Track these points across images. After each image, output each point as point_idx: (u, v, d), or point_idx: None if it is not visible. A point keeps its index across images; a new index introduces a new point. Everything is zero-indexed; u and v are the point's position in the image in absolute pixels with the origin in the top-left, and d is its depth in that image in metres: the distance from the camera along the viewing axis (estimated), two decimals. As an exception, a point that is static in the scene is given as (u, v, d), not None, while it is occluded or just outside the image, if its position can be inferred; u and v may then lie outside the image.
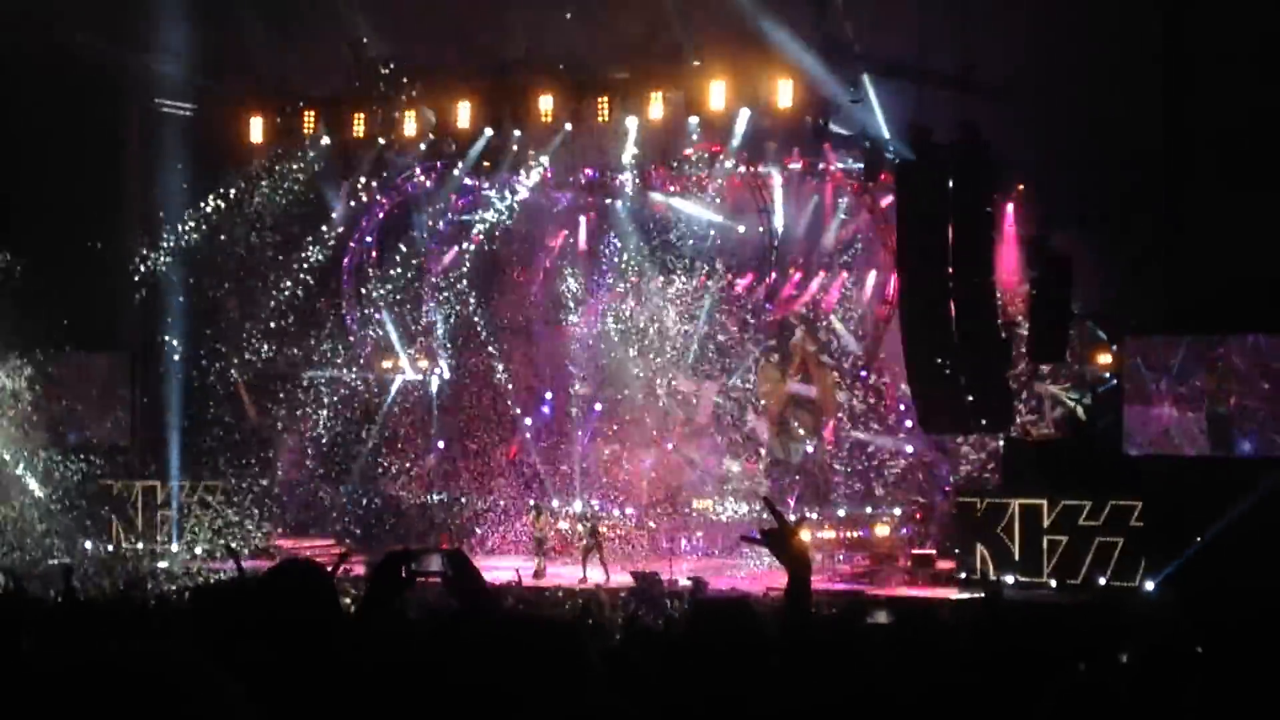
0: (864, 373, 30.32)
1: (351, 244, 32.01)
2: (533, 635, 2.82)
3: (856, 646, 5.92)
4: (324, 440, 32.16)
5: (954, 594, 23.13)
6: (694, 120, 27.11)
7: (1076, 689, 4.17)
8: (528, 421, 32.31)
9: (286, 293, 30.79)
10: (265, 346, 30.96)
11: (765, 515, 5.15)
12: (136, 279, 29.94)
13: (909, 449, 29.57)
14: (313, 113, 29.00)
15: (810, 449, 30.72)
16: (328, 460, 32.21)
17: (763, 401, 31.26)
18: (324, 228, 31.29)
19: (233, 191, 29.77)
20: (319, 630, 3.92)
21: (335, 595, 4.14)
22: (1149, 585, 22.70)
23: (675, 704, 4.23)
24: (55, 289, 27.53)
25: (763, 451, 31.18)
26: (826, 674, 4.82)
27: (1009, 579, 23.34)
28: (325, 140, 29.42)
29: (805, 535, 26.92)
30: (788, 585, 4.71)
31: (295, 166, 29.81)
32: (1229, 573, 20.28)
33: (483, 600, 4.69)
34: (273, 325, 30.91)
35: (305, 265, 30.99)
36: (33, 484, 28.00)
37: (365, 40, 28.64)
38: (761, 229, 30.17)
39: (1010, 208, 26.63)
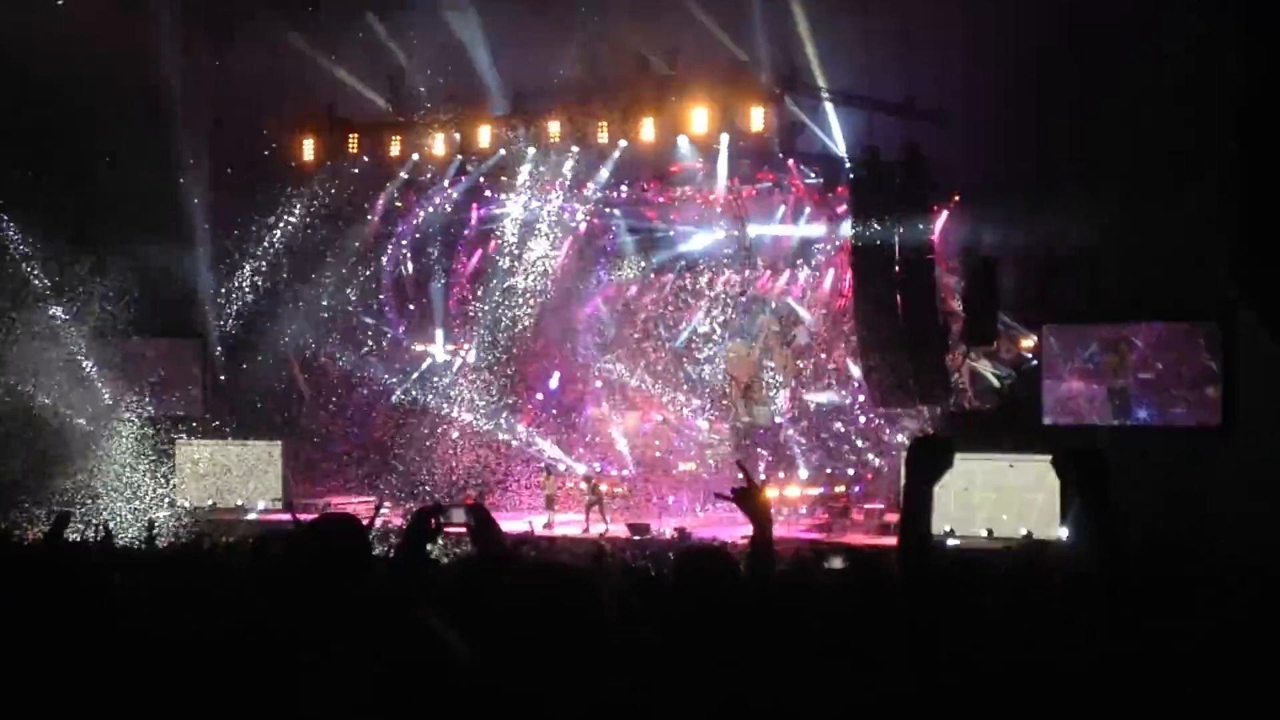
0: (823, 355, 30.31)
1: (389, 247, 31.93)
2: (554, 580, 2.79)
3: (816, 587, 5.90)
4: (364, 416, 32.14)
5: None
6: (683, 139, 27.01)
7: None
8: (539, 396, 32.31)
9: (332, 288, 30.75)
10: (317, 335, 30.97)
11: (739, 476, 5.11)
12: (213, 274, 29.98)
13: (860, 419, 29.56)
14: (356, 134, 28.88)
15: (778, 419, 30.68)
16: (369, 433, 32.20)
17: (732, 374, 31.24)
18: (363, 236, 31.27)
19: (292, 204, 29.70)
20: (354, 574, 3.91)
21: (368, 543, 4.13)
22: (1063, 533, 22.74)
23: (668, 637, 4.22)
24: (136, 284, 27.51)
25: (734, 415, 31.17)
26: (789, 612, 4.81)
27: (946, 528, 23.34)
28: (366, 158, 29.30)
29: (773, 492, 26.98)
30: (752, 536, 4.69)
31: (341, 181, 29.73)
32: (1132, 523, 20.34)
33: (501, 547, 4.68)
34: (324, 316, 30.89)
35: (348, 268, 30.96)
36: (111, 449, 27.83)
37: (403, 70, 28.55)
38: (737, 233, 30.13)
39: (946, 215, 26.62)
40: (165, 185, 28.55)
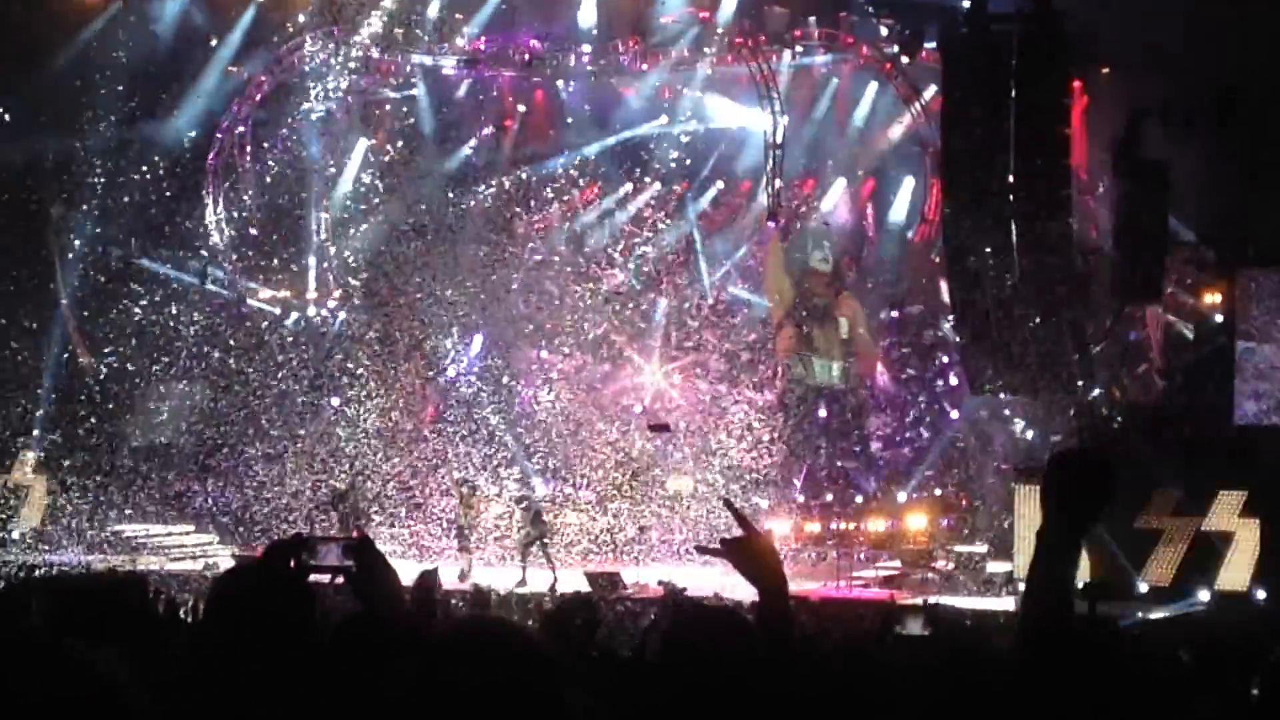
0: (894, 311, 30.40)
1: (219, 134, 31.83)
2: (485, 660, 2.78)
3: (881, 665, 6.00)
4: (182, 400, 32.04)
5: (1011, 606, 23.30)
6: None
7: None
8: (452, 373, 32.30)
9: (128, 199, 30.60)
10: (103, 261, 30.87)
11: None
12: None
13: (954, 414, 29.69)
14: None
15: (843, 378, 30.65)
16: (187, 425, 32.11)
17: (769, 302, 31.25)
18: (181, 112, 31.15)
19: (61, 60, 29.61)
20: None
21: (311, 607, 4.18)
22: (1260, 594, 22.91)
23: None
24: None
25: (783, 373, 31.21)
26: (835, 703, 4.89)
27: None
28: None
29: (786, 527, 27.10)
30: (759, 611, 4.76)
31: (145, 27, 29.63)
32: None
33: (398, 604, 4.72)
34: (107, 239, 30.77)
35: (156, 161, 30.83)
36: None
37: None
38: (768, 114, 30.14)
39: (1089, 98, 26.68)
40: None
